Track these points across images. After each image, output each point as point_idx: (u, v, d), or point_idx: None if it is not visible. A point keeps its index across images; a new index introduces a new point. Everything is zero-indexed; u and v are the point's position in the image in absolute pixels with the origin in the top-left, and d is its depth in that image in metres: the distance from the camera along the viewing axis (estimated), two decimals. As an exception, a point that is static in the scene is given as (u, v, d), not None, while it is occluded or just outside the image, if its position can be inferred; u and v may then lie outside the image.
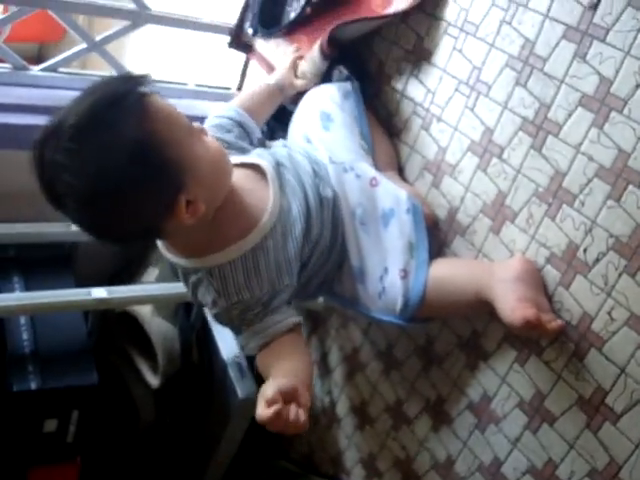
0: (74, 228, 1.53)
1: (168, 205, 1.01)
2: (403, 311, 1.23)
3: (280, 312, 1.13)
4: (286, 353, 1.10)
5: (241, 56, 1.79)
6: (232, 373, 1.55)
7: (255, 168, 1.21)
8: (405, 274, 1.23)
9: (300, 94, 1.42)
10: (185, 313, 1.65)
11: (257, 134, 1.34)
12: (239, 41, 1.68)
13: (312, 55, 1.40)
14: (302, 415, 0.94)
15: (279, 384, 0.96)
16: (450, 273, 1.24)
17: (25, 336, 1.46)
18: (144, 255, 1.72)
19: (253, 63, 1.78)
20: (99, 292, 1.36)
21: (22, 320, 1.48)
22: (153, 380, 1.68)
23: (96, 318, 1.50)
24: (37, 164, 0.97)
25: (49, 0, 1.52)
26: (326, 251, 1.24)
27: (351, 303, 1.30)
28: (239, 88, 1.91)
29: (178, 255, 1.14)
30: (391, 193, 1.26)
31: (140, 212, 1.01)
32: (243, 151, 1.26)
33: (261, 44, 1.63)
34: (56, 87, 1.69)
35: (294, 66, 1.44)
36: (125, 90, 1.00)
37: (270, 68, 1.63)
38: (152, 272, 1.67)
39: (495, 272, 1.17)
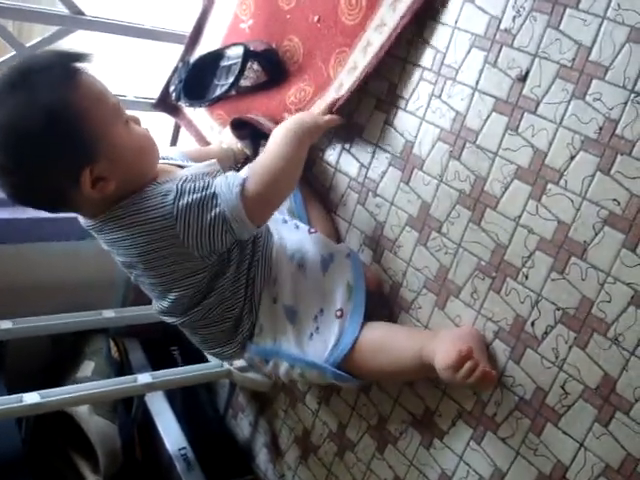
0: (2, 326, 1.48)
1: (73, 175, 1.05)
2: (333, 352, 1.18)
3: None
4: None
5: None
6: (179, 467, 1.48)
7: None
8: (342, 313, 1.20)
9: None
10: (124, 407, 1.58)
11: None
12: (166, 103, 1.64)
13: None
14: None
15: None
16: (389, 328, 1.23)
17: (-46, 450, 1.38)
18: (79, 348, 1.66)
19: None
20: (32, 397, 1.29)
21: (-50, 432, 1.40)
22: (95, 480, 1.59)
23: (30, 422, 1.42)
24: None
25: None
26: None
27: (274, 350, 1.24)
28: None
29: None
30: (330, 242, 1.28)
31: (43, 175, 1.05)
32: None
33: (190, 110, 1.61)
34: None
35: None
36: (56, 60, 1.07)
37: (198, 135, 1.60)
38: (88, 365, 1.60)
39: (437, 334, 1.16)
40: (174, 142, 1.85)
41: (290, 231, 1.30)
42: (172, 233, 1.09)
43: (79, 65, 1.08)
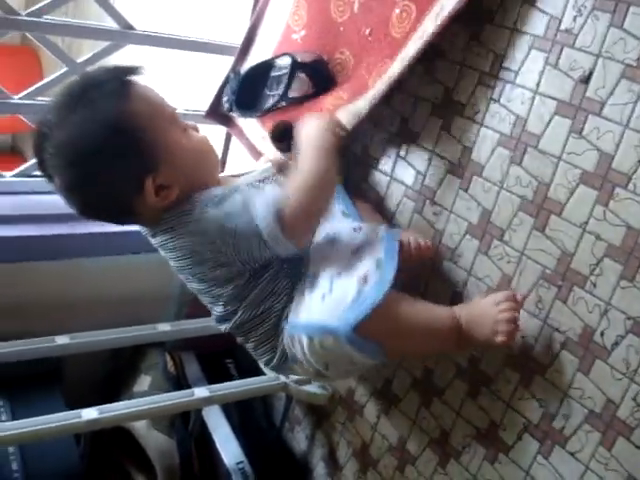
0: (60, 341, 1.48)
1: (136, 185, 1.08)
2: (348, 313, 1.06)
3: None
4: None
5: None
6: (237, 481, 1.47)
7: None
8: (365, 280, 1.09)
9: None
10: (182, 422, 1.57)
11: None
12: (217, 113, 1.64)
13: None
14: None
15: None
16: (416, 300, 1.18)
17: (14, 466, 1.38)
18: (135, 363, 1.65)
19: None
20: (90, 413, 1.28)
21: (10, 449, 1.40)
22: (153, 496, 1.58)
23: (88, 437, 1.42)
24: (33, 137, 1.09)
25: (27, 22, 1.45)
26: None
27: (292, 324, 1.14)
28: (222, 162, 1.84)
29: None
30: (370, 227, 1.21)
31: (110, 187, 1.08)
32: None
33: (241, 119, 1.60)
34: (32, 192, 1.64)
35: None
36: (111, 76, 1.10)
37: (249, 145, 1.59)
38: (145, 380, 1.60)
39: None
40: (225, 152, 1.84)
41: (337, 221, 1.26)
42: (213, 244, 1.09)
43: (132, 78, 1.11)
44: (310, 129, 1.18)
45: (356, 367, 1.18)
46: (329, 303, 1.08)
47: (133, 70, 1.11)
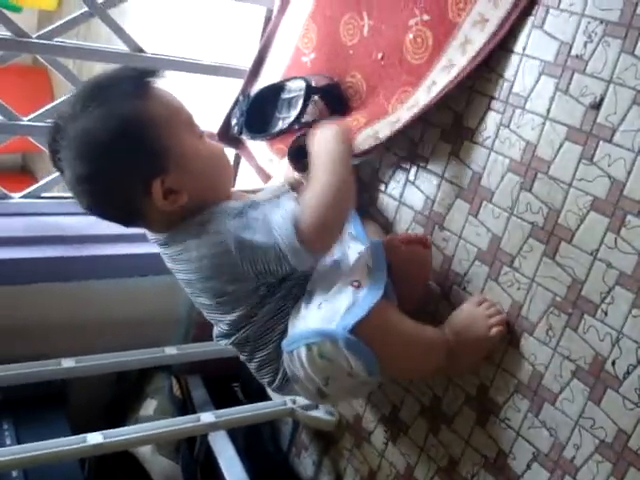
0: (66, 364, 1.48)
1: (145, 184, 1.07)
2: (345, 317, 1.06)
3: None
4: None
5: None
6: (242, 507, 1.45)
7: None
8: (359, 285, 1.10)
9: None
10: (188, 447, 1.56)
11: None
12: (227, 135, 1.63)
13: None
14: None
15: None
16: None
17: (18, 490, 1.37)
18: (141, 386, 1.64)
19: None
20: (95, 437, 1.27)
21: (14, 473, 1.38)
22: (158, 522, 1.57)
23: (93, 461, 1.41)
24: (49, 129, 1.10)
25: (37, 45, 1.46)
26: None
27: (290, 337, 1.13)
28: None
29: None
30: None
31: (118, 184, 1.07)
32: None
33: (250, 142, 1.60)
34: (41, 214, 1.64)
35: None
36: (131, 75, 1.11)
37: (258, 167, 1.59)
38: (150, 404, 1.59)
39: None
40: (235, 174, 1.84)
41: None
42: (228, 254, 1.08)
43: (152, 80, 1.11)
44: (322, 139, 1.17)
45: (355, 384, 1.14)
46: (326, 311, 1.09)
47: (153, 73, 1.12)
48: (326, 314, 1.08)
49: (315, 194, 1.10)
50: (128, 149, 1.06)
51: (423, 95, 1.24)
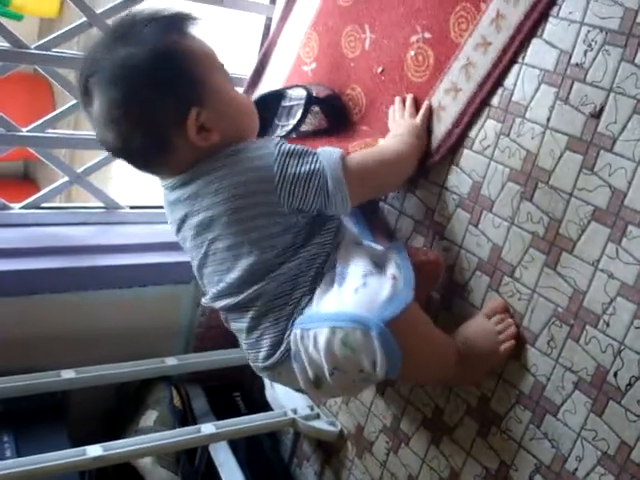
0: (65, 376, 1.47)
1: (181, 113, 1.05)
2: (386, 307, 1.02)
3: None
4: None
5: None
6: (245, 518, 1.44)
7: None
8: (395, 279, 1.07)
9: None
10: (188, 458, 1.55)
11: None
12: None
13: None
14: None
15: None
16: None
17: (17, 503, 1.35)
18: (141, 397, 1.63)
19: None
20: (94, 450, 1.26)
21: (13, 486, 1.38)
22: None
23: (93, 473, 1.40)
24: (83, 61, 1.08)
25: (36, 56, 1.46)
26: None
27: (313, 315, 1.08)
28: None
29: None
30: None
31: (153, 110, 1.05)
32: None
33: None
34: (41, 224, 1.63)
35: None
36: (169, 14, 1.09)
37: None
38: (151, 415, 1.57)
39: None
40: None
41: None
42: (269, 179, 1.06)
43: (189, 24, 1.10)
44: (402, 126, 1.24)
45: (357, 383, 1.09)
46: (363, 297, 1.03)
47: (191, 17, 1.11)
48: (363, 300, 1.03)
49: (379, 148, 1.18)
50: (167, 73, 1.04)
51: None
